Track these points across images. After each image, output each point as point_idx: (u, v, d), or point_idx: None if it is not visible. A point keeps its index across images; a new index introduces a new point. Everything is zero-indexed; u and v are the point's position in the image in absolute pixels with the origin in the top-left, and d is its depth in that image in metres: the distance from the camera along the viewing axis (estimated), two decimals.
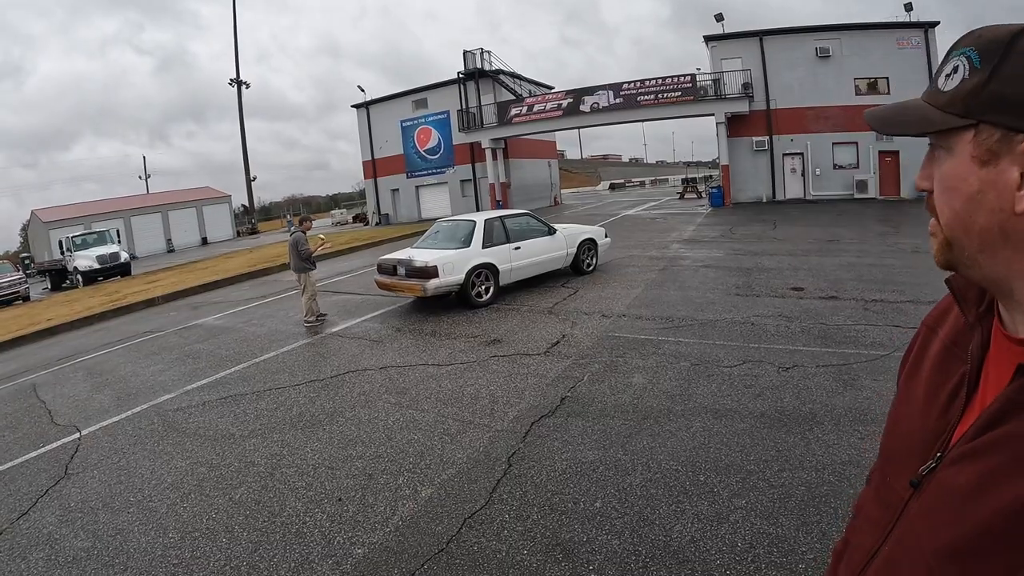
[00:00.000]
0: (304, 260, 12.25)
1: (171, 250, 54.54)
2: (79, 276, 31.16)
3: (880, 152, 34.82)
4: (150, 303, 18.80)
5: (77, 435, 7.52)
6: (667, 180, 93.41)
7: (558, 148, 63.52)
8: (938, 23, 35.35)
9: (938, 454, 0.99)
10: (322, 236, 12.80)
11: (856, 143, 34.62)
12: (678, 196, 47.39)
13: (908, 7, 36.12)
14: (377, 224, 49.22)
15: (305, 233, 12.67)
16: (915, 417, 1.10)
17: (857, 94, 35.17)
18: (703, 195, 43.08)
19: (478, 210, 40.74)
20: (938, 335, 1.18)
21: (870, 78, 35.34)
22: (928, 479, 0.99)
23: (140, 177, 73.89)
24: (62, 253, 35.04)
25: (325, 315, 12.53)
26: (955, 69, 0.92)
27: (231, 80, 63.33)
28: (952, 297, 1.13)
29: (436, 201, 47.62)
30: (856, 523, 1.25)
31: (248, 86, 64.52)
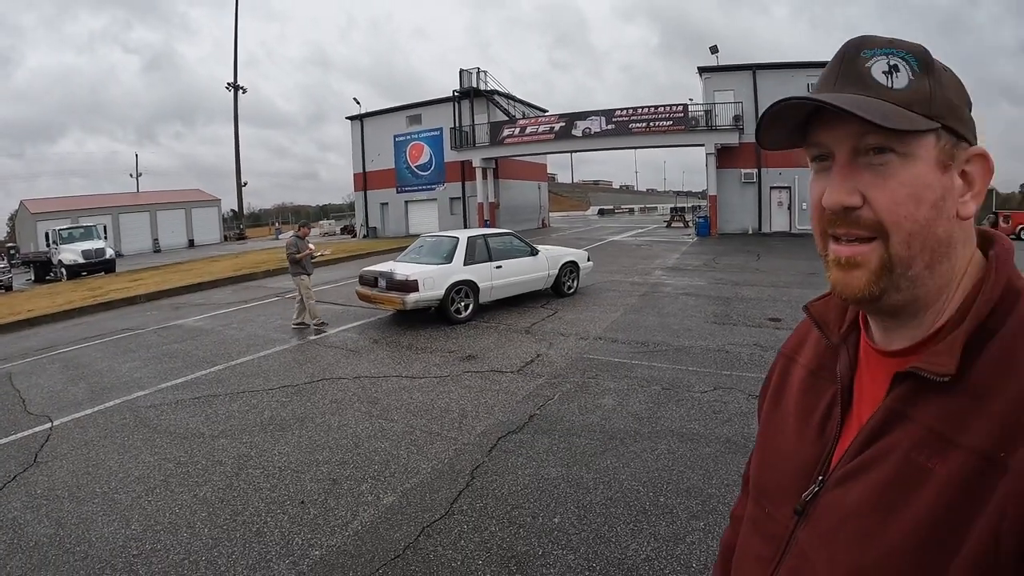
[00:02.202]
0: (293, 264, 12.35)
1: (157, 250, 54.31)
2: (63, 269, 31.01)
3: None
4: (132, 301, 18.75)
5: (49, 425, 7.54)
6: (656, 208, 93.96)
7: (549, 171, 63.79)
8: None
9: (820, 478, 0.99)
10: (312, 245, 12.82)
11: None
12: (665, 224, 47.67)
13: None
14: (365, 237, 49.22)
15: (303, 238, 12.75)
16: (788, 445, 1.10)
17: None
18: (690, 224, 43.32)
19: (466, 228, 40.86)
20: (798, 363, 1.20)
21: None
22: (813, 504, 0.99)
23: (131, 175, 74.14)
24: (48, 245, 34.88)
25: (306, 325, 12.56)
26: (895, 68, 0.90)
27: (228, 84, 63.70)
28: (811, 323, 1.15)
29: (424, 217, 47.63)
30: (738, 562, 1.21)
31: (244, 91, 64.70)
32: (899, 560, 0.82)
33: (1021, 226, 36.78)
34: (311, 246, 12.87)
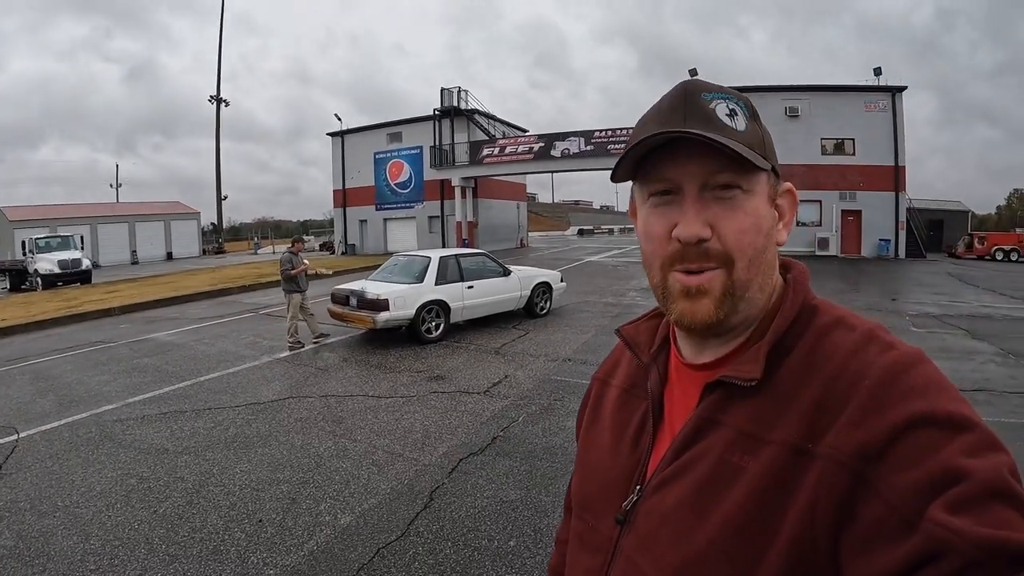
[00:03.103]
0: (286, 280, 12.35)
1: (135, 262, 53.68)
2: (39, 279, 30.60)
3: (843, 211, 35.75)
4: (106, 313, 18.61)
5: (15, 437, 7.52)
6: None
7: (530, 191, 63.96)
8: (906, 88, 36.27)
9: (638, 487, 1.05)
10: (306, 261, 12.76)
11: (820, 201, 35.61)
12: None
13: (877, 72, 37.13)
14: (343, 253, 49.08)
15: (297, 254, 12.67)
16: (605, 460, 1.16)
17: (823, 153, 36.30)
18: None
19: (444, 247, 40.89)
20: (612, 385, 1.27)
21: (837, 139, 36.35)
22: (634, 512, 1.03)
23: (111, 185, 73.76)
24: (24, 254, 34.55)
25: (302, 344, 12.40)
26: (733, 112, 0.97)
27: (211, 97, 63.25)
28: (623, 346, 1.25)
29: (403, 235, 47.61)
30: None
31: (227, 104, 64.42)
32: (719, 551, 0.89)
33: (996, 246, 37.09)
34: (306, 262, 12.81)
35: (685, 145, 0.94)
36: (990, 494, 0.72)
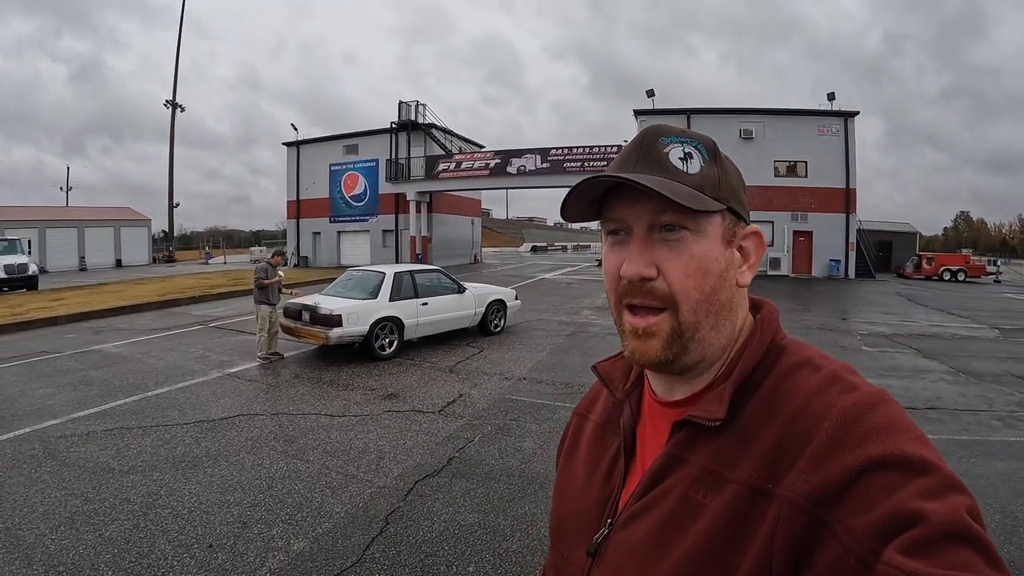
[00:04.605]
0: (258, 289, 12.10)
1: (83, 268, 52.41)
2: None
3: (795, 232, 36.50)
4: (52, 322, 18.04)
5: None
6: (589, 247, 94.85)
7: (484, 206, 64.08)
8: (858, 113, 37.29)
9: (608, 520, 1.08)
10: (280, 274, 12.53)
11: (772, 222, 36.29)
12: (597, 263, 48.04)
13: (831, 96, 38.02)
14: (295, 266, 48.51)
15: (275, 267, 12.45)
16: (579, 493, 1.19)
17: (776, 175, 37.10)
18: None
19: (397, 261, 40.94)
20: (589, 420, 1.30)
21: (790, 161, 37.16)
22: (604, 544, 1.06)
23: (60, 188, 72.08)
24: None
25: (280, 355, 12.28)
26: (689, 155, 1.02)
27: (166, 102, 61.91)
28: (600, 382, 1.27)
29: (356, 248, 47.46)
30: None
31: (183, 109, 63.55)
32: None
33: (944, 267, 38.21)
34: (280, 274, 12.55)
35: (636, 187, 0.97)
36: (947, 536, 0.73)
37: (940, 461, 0.81)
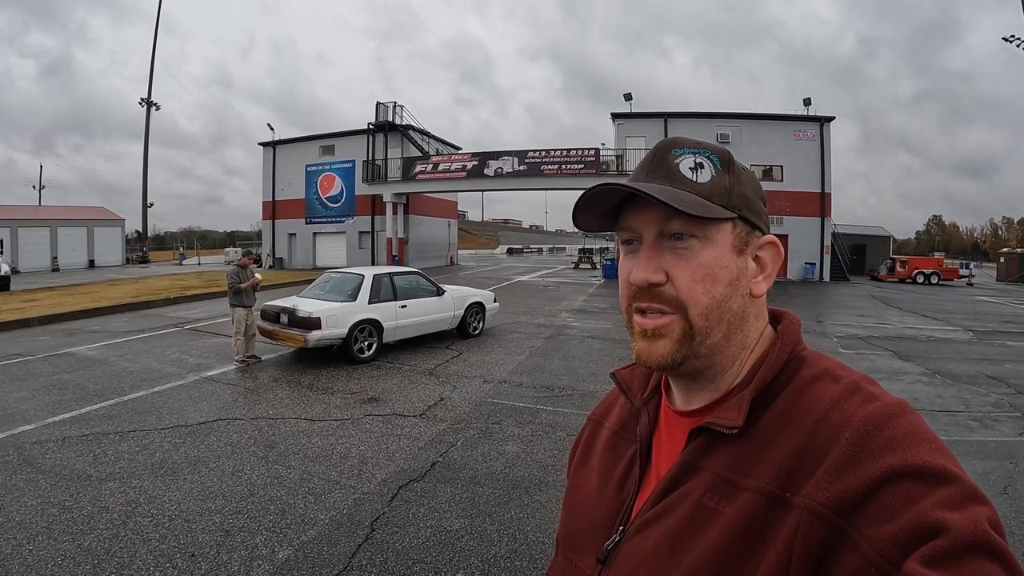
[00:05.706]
0: (234, 295, 11.94)
1: (56, 268, 51.75)
2: None
3: None
4: (25, 323, 17.71)
5: None
6: (565, 249, 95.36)
7: (460, 208, 64.03)
8: (833, 118, 37.82)
9: (621, 528, 1.06)
10: (257, 275, 12.38)
11: None
12: (573, 266, 48.32)
13: (807, 102, 38.58)
14: (271, 267, 48.22)
15: (245, 268, 12.30)
16: (591, 500, 1.18)
17: None
18: (597, 267, 43.96)
19: (374, 263, 40.89)
20: (604, 427, 1.30)
21: (766, 165, 37.49)
22: (615, 552, 1.05)
23: (33, 187, 71.30)
24: None
25: (257, 358, 12.14)
26: (700, 165, 1.03)
27: (141, 100, 61.33)
28: (618, 389, 1.26)
29: (332, 250, 47.28)
30: None
31: (159, 108, 63.00)
32: None
33: (917, 270, 38.78)
34: (257, 275, 12.40)
35: (645, 197, 0.99)
36: (968, 547, 0.72)
37: (961, 472, 0.80)
